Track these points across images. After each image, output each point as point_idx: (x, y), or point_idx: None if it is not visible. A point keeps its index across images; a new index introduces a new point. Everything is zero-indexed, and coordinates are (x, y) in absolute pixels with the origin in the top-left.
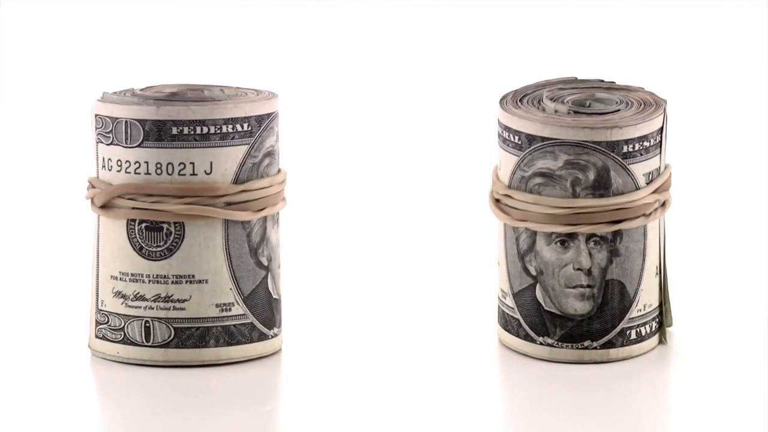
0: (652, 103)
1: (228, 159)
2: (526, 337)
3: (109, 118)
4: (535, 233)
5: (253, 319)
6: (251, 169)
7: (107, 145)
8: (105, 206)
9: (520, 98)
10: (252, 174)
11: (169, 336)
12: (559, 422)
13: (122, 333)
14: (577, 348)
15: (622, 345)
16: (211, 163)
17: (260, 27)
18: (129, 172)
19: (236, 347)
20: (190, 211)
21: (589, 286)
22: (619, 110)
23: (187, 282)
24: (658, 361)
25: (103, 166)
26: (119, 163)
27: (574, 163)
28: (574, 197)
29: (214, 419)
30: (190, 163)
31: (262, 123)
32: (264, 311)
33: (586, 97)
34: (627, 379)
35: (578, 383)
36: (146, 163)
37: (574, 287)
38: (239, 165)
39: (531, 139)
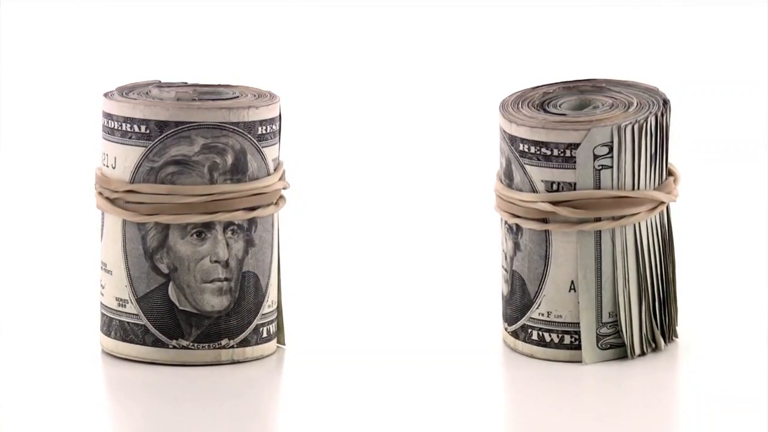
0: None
1: (127, 157)
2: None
3: None
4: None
5: (147, 323)
6: (148, 173)
7: None
8: None
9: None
10: (148, 178)
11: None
12: (560, 422)
13: None
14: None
15: None
16: (116, 158)
17: (262, 28)
18: None
19: (129, 345)
20: (97, 200)
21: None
22: (564, 115)
23: (103, 270)
24: (662, 362)
25: None
26: None
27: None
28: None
29: (211, 419)
30: (105, 154)
31: (164, 129)
32: (162, 318)
33: (589, 100)
34: (631, 379)
35: (578, 383)
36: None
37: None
38: (135, 166)
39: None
